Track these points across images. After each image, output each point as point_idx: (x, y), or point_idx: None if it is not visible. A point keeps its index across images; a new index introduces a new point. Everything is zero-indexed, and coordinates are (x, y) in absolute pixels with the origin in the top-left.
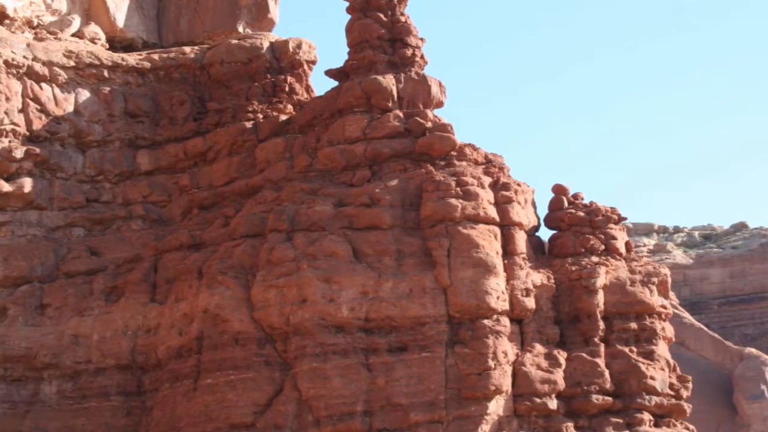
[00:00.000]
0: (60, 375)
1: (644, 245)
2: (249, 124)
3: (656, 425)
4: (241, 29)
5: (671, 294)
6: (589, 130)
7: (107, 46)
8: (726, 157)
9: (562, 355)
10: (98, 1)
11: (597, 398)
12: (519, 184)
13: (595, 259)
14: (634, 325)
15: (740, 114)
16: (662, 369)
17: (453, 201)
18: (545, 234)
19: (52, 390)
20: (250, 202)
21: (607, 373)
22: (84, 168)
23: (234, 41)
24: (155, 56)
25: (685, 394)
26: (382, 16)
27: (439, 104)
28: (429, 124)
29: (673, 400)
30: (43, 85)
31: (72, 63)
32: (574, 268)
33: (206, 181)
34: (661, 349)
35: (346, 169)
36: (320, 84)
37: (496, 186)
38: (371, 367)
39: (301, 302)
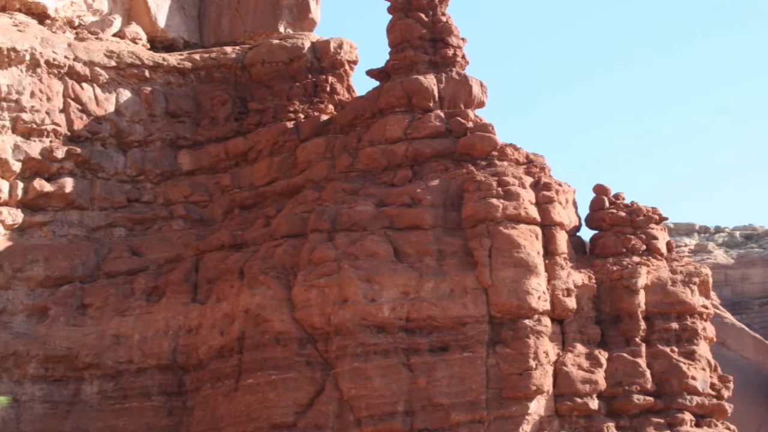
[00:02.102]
0: (101, 375)
1: (685, 245)
2: (290, 124)
3: (697, 425)
4: (282, 29)
5: (712, 294)
6: (630, 130)
7: (148, 46)
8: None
9: (603, 355)
10: (139, 1)
11: (638, 398)
12: (560, 184)
13: (636, 259)
14: (675, 325)
15: None
16: (703, 369)
17: (494, 201)
18: (586, 234)
19: (93, 390)
20: (291, 202)
21: (648, 373)
22: (125, 168)
23: (275, 41)
24: (196, 56)
25: (726, 394)
26: (423, 16)
27: (480, 104)
28: (470, 124)
29: (715, 400)
30: (84, 85)
31: (113, 63)
32: (615, 268)
33: (247, 181)
34: (702, 349)
35: (387, 169)
36: (361, 84)
37: (537, 186)
38: (412, 367)
39: (342, 302)
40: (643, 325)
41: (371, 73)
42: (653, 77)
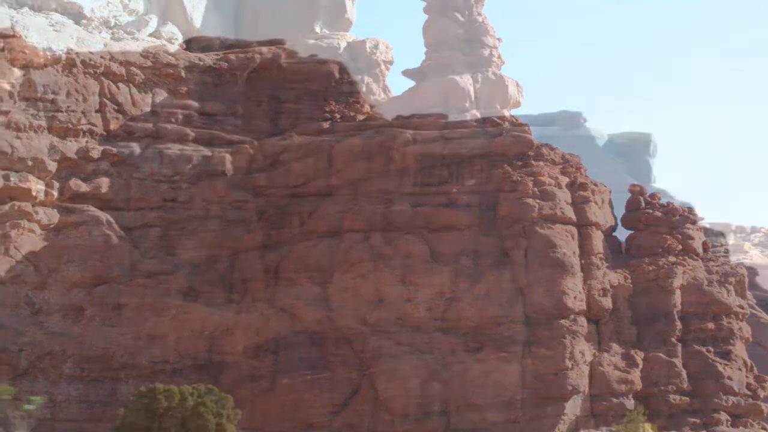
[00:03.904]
0: (137, 375)
1: (721, 245)
2: (326, 125)
3: (733, 425)
4: (318, 29)
5: (748, 294)
6: (665, 130)
7: (184, 46)
8: None
9: (639, 355)
10: (175, 2)
11: (674, 398)
12: (596, 184)
13: (672, 259)
14: (711, 325)
15: None
16: (739, 369)
17: (530, 201)
18: (622, 234)
19: (129, 390)
20: (326, 202)
21: (684, 373)
22: (160, 168)
23: (311, 41)
24: (232, 56)
25: (762, 393)
26: (459, 16)
27: (516, 104)
28: (506, 124)
29: (750, 400)
30: (120, 85)
31: (149, 63)
32: (651, 268)
33: (283, 182)
34: (738, 348)
35: (423, 170)
36: (397, 84)
37: (573, 186)
38: (448, 367)
39: (377, 302)
40: (678, 325)
41: (407, 73)
42: (683, 77)
